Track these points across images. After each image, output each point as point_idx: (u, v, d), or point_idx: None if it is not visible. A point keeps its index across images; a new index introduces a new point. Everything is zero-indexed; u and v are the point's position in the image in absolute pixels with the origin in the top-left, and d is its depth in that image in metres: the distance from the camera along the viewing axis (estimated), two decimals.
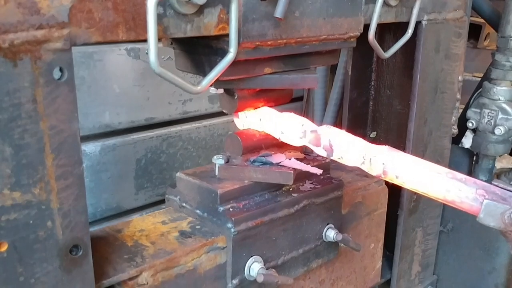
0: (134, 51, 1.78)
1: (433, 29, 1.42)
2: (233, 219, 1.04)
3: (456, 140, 1.93)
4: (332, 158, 1.05)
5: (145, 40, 0.78)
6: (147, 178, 1.94)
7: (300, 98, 2.36)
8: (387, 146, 1.00)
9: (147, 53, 0.78)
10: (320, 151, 1.05)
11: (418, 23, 1.36)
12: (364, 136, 1.73)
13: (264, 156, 1.13)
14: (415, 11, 1.28)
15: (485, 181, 1.83)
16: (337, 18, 1.07)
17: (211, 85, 1.01)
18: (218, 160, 1.13)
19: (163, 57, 1.72)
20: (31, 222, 0.75)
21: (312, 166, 1.20)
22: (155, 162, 1.94)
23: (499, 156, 1.83)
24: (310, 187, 1.19)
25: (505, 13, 1.66)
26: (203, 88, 0.89)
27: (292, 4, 0.97)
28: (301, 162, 1.19)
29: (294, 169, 1.12)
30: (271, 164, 1.12)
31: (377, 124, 1.69)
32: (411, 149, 1.48)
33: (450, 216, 1.73)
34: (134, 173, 1.90)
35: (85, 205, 0.81)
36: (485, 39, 2.98)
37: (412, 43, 1.37)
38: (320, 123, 2.21)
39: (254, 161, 1.11)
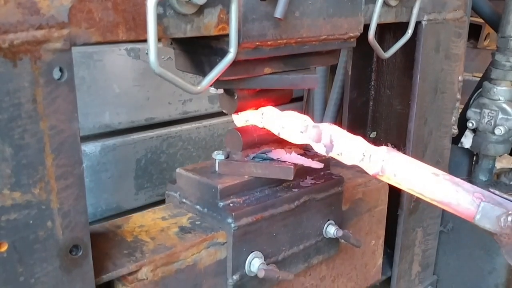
0: (134, 51, 1.78)
1: (433, 29, 1.42)
2: (233, 214, 1.04)
3: (456, 140, 1.93)
4: (330, 154, 1.04)
5: (145, 40, 0.78)
6: (147, 178, 1.94)
7: (300, 98, 2.36)
8: (386, 147, 1.00)
9: (147, 53, 0.78)
10: (319, 148, 1.04)
11: (418, 23, 1.36)
12: (364, 136, 1.73)
13: (264, 152, 1.13)
14: (415, 11, 1.28)
15: (485, 181, 1.83)
16: (337, 18, 1.07)
17: (211, 85, 1.01)
18: (218, 156, 1.13)
19: (163, 57, 1.72)
20: (31, 222, 0.75)
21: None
22: (155, 162, 1.94)
23: (499, 156, 1.84)
24: (311, 183, 1.20)
25: (505, 13, 1.66)
26: (203, 88, 0.89)
27: (292, 4, 0.97)
28: (301, 157, 1.19)
29: (295, 164, 1.12)
30: (271, 159, 1.12)
31: (377, 124, 1.69)
32: (411, 149, 1.48)
33: (450, 216, 1.73)
34: (134, 173, 1.90)
35: (85, 205, 0.81)
36: (485, 39, 2.98)
37: (412, 43, 1.37)
38: (320, 122, 2.21)
39: (254, 157, 1.11)
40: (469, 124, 1.79)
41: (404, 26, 1.30)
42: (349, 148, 1.01)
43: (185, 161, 2.04)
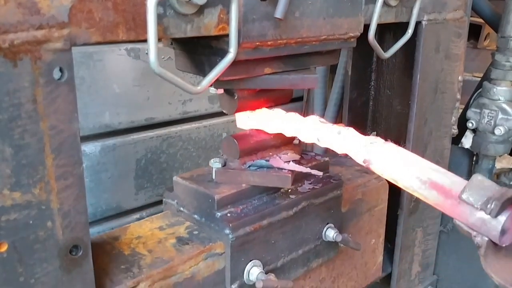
0: (134, 51, 1.78)
1: (433, 29, 1.42)
2: (230, 225, 1.03)
3: (456, 140, 1.93)
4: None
5: (145, 40, 0.78)
6: (147, 178, 1.94)
7: (300, 98, 2.36)
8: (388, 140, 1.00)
9: (147, 53, 0.78)
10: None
11: (418, 23, 1.36)
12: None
13: (262, 159, 1.12)
14: (415, 11, 1.28)
15: None
16: (337, 18, 1.07)
17: (211, 85, 1.01)
18: (215, 164, 1.11)
19: (163, 57, 1.72)
20: (31, 222, 0.75)
21: (311, 167, 1.20)
22: (155, 162, 1.94)
23: (499, 156, 1.84)
24: (309, 188, 1.18)
25: (505, 13, 1.67)
26: (203, 88, 0.89)
27: (292, 5, 0.97)
28: (300, 162, 1.18)
29: (292, 171, 1.11)
30: (269, 167, 1.11)
31: (377, 124, 1.69)
32: (411, 149, 1.48)
33: (450, 216, 1.73)
34: (134, 173, 1.90)
35: (85, 205, 0.81)
36: (485, 39, 2.98)
37: (412, 43, 1.37)
38: None
39: (251, 165, 1.10)
40: (469, 124, 1.79)
41: (404, 26, 1.30)
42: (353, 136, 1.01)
43: (185, 161, 2.04)
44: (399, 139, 1.60)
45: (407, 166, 0.92)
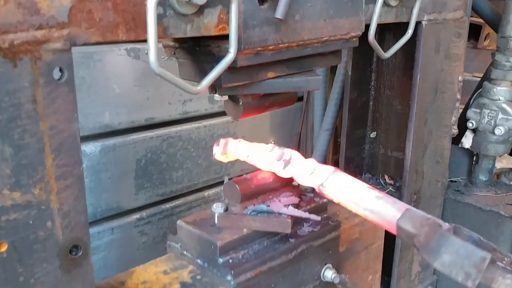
0: (134, 51, 1.78)
1: (433, 29, 1.42)
2: (232, 272, 1.04)
3: (456, 140, 1.93)
4: (285, 169, 1.07)
5: (145, 40, 0.78)
6: (147, 178, 1.94)
7: (300, 98, 2.36)
8: (333, 168, 1.03)
9: (147, 53, 0.78)
10: (279, 165, 1.08)
11: (418, 23, 1.36)
12: (364, 136, 1.73)
13: (263, 203, 1.14)
14: (415, 11, 1.28)
15: (485, 181, 1.83)
16: (338, 19, 1.07)
17: (213, 88, 1.01)
18: (218, 209, 1.13)
19: (163, 57, 1.72)
20: (31, 222, 0.75)
21: (310, 209, 1.21)
22: (155, 162, 1.95)
23: (499, 156, 1.84)
24: (308, 231, 1.20)
25: (505, 13, 1.67)
26: (203, 88, 0.89)
27: (292, 8, 0.96)
28: (298, 205, 1.20)
29: (292, 216, 1.13)
30: (269, 212, 1.13)
31: (377, 124, 1.70)
32: (411, 149, 1.48)
33: (450, 216, 1.73)
34: (134, 173, 1.90)
35: (85, 205, 0.81)
36: (485, 39, 2.98)
37: (412, 43, 1.37)
38: (321, 123, 2.21)
39: (252, 210, 1.13)
40: (469, 124, 1.79)
41: (404, 26, 1.30)
42: (302, 163, 1.05)
43: (185, 161, 2.04)
44: (399, 139, 1.60)
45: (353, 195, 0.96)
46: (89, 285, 0.84)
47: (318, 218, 1.18)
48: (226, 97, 1.10)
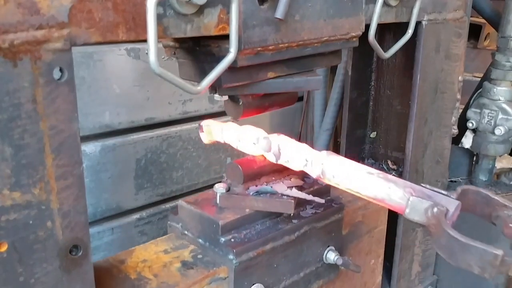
0: (134, 51, 1.78)
1: (433, 29, 1.42)
2: (234, 250, 1.04)
3: (456, 140, 1.93)
4: (279, 162, 1.08)
5: (145, 40, 0.78)
6: (147, 178, 1.94)
7: (300, 98, 2.36)
8: (327, 151, 1.04)
9: (147, 53, 0.78)
10: (270, 156, 1.08)
11: (418, 23, 1.36)
12: (364, 136, 1.73)
13: (266, 184, 1.14)
14: (415, 11, 1.28)
15: (485, 181, 1.83)
16: (338, 19, 1.07)
17: (213, 88, 1.01)
18: (219, 189, 1.13)
19: (163, 57, 1.72)
20: (31, 222, 0.75)
21: (313, 191, 1.21)
22: (155, 162, 1.95)
23: (499, 156, 1.84)
24: (311, 212, 1.20)
25: (505, 13, 1.67)
26: (203, 88, 0.89)
27: (292, 8, 0.96)
28: (302, 187, 1.19)
29: (295, 197, 1.13)
30: (272, 193, 1.12)
31: (377, 124, 1.69)
32: (411, 149, 1.48)
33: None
34: (134, 173, 1.90)
35: (85, 205, 0.81)
36: (485, 39, 2.98)
37: (412, 43, 1.37)
38: (321, 123, 2.21)
39: (256, 192, 1.12)
40: (469, 124, 1.79)
41: (404, 26, 1.30)
42: (294, 155, 1.05)
43: (185, 161, 2.04)
44: (399, 139, 1.60)
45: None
46: (89, 285, 0.84)
47: (321, 200, 1.18)
48: (226, 97, 1.10)
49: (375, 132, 1.70)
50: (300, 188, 1.18)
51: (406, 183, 0.92)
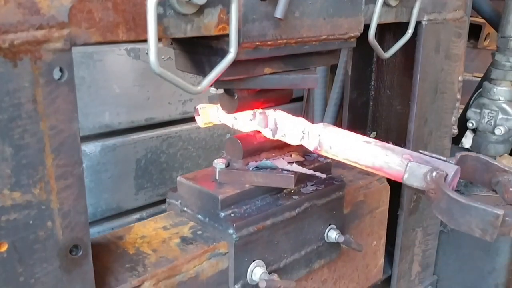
0: (134, 51, 1.78)
1: (433, 29, 1.42)
2: (234, 225, 1.03)
3: (456, 140, 1.93)
4: (276, 137, 1.07)
5: (145, 40, 0.78)
6: (147, 178, 1.94)
7: (300, 98, 2.36)
8: (323, 123, 1.04)
9: (147, 53, 0.78)
10: (266, 132, 1.08)
11: (418, 23, 1.36)
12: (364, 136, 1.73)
13: (266, 160, 1.13)
14: (415, 11, 1.28)
15: None
16: (337, 18, 1.07)
17: (211, 85, 1.01)
18: (219, 164, 1.12)
19: (163, 57, 1.72)
20: (31, 222, 0.75)
21: (314, 168, 1.20)
22: (155, 162, 1.94)
23: (499, 156, 1.84)
24: (312, 189, 1.19)
25: (505, 13, 1.67)
26: (203, 88, 0.89)
27: (292, 5, 0.97)
28: (303, 164, 1.19)
29: (295, 172, 1.12)
30: (272, 168, 1.11)
31: (377, 124, 1.69)
32: (411, 149, 1.47)
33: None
34: (134, 173, 1.90)
35: (85, 205, 0.81)
36: (485, 39, 2.98)
37: (412, 43, 1.37)
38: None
39: (256, 167, 1.11)
40: (469, 124, 1.79)
41: (404, 26, 1.30)
42: (290, 128, 1.05)
43: (185, 161, 2.04)
44: (399, 139, 1.60)
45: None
46: (89, 285, 0.84)
47: (322, 175, 1.17)
48: (221, 90, 1.10)
49: (375, 132, 1.70)
50: (300, 164, 1.17)
51: (404, 150, 0.91)
